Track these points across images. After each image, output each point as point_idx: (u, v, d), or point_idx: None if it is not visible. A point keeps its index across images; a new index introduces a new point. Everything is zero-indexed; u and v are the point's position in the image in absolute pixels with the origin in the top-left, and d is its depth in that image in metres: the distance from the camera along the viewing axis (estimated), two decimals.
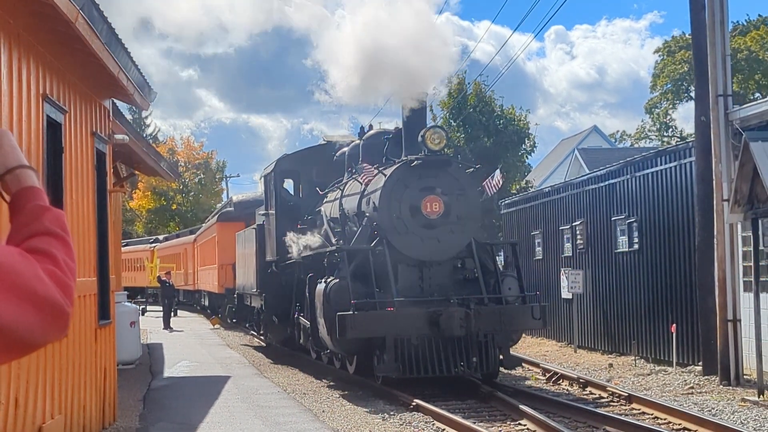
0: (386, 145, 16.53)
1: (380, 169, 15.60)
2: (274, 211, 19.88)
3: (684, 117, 75.66)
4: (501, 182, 16.17)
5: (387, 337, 13.85)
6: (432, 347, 14.08)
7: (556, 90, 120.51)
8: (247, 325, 26.24)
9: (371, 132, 18.25)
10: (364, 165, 15.98)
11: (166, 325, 30.57)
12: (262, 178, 22.13)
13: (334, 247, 15.79)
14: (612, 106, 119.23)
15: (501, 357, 14.63)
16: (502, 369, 15.10)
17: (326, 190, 18.83)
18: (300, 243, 17.81)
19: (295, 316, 18.13)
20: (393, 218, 15.04)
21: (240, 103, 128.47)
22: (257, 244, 21.52)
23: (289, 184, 20.85)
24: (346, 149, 18.69)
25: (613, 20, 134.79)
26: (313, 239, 17.43)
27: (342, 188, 17.51)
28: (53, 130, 8.76)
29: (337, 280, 14.61)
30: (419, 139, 14.99)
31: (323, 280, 15.03)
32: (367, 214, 15.56)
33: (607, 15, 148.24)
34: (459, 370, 14.23)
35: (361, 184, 15.90)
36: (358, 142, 18.29)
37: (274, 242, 19.49)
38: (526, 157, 39.47)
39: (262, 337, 24.07)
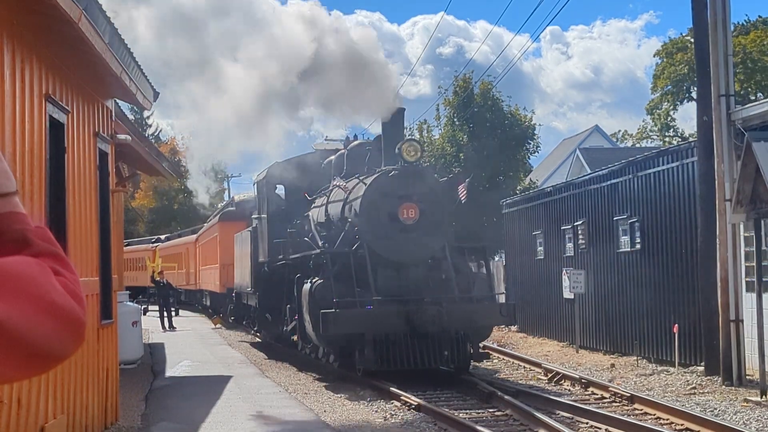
0: (368, 156, 17.69)
1: (361, 178, 16.90)
2: (266, 215, 21.12)
3: (683, 117, 75.66)
4: (465, 193, 17.51)
5: (366, 332, 15.00)
6: (407, 342, 15.20)
7: (552, 90, 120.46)
8: (244, 322, 26.93)
9: (355, 143, 19.71)
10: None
11: (164, 326, 30.38)
12: (255, 184, 23.39)
13: (319, 250, 16.87)
14: (609, 105, 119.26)
15: (471, 351, 15.85)
16: (505, 371, 15.19)
17: (314, 196, 20.10)
18: (289, 246, 18.85)
19: (285, 313, 19.09)
20: (372, 223, 16.31)
21: None
22: (252, 245, 22.69)
23: (280, 190, 21.97)
24: (332, 158, 20.09)
25: (608, 21, 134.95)
26: (300, 242, 18.53)
27: (328, 195, 18.73)
28: (56, 130, 8.76)
29: (322, 280, 15.85)
30: (396, 151, 16.26)
31: (309, 281, 16.25)
32: (350, 220, 16.83)
33: (602, 16, 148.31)
34: (434, 363, 15.34)
35: (345, 191, 17.18)
36: (343, 151, 19.62)
37: (266, 244, 20.66)
38: (528, 156, 39.52)
39: (258, 334, 24.67)
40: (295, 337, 18.50)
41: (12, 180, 1.73)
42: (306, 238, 18.65)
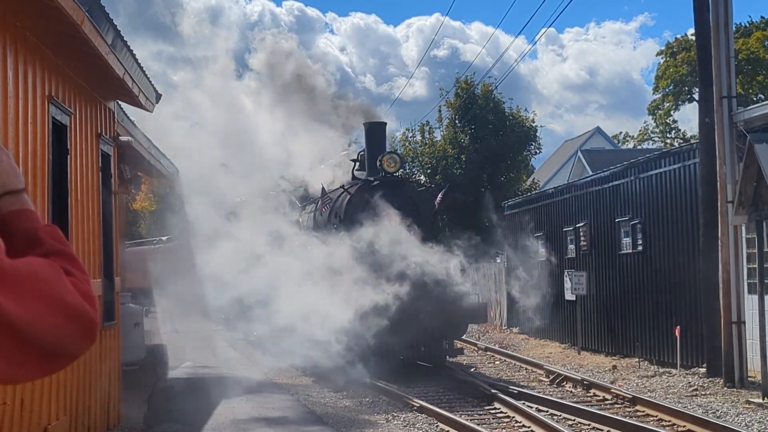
0: (353, 167, 19.24)
1: (346, 187, 18.20)
2: None
3: (683, 119, 75.50)
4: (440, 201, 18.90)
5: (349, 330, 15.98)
6: (387, 339, 15.91)
7: (549, 92, 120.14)
8: (241, 321, 27.31)
9: (341, 154, 20.99)
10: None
11: (166, 327, 30.41)
12: None
13: None
14: (605, 107, 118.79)
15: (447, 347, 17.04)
16: (507, 373, 15.19)
17: (305, 203, 21.52)
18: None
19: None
20: (356, 229, 17.02)
21: None
22: None
23: None
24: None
25: (603, 23, 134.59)
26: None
27: (316, 202, 20.07)
28: (59, 131, 8.78)
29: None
30: (378, 163, 17.58)
31: None
32: (335, 226, 17.94)
33: (596, 18, 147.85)
34: (411, 358, 16.54)
35: (332, 199, 18.60)
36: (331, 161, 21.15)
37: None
38: (530, 158, 39.55)
39: (255, 333, 25.13)
40: None
41: (20, 177, 1.73)
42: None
